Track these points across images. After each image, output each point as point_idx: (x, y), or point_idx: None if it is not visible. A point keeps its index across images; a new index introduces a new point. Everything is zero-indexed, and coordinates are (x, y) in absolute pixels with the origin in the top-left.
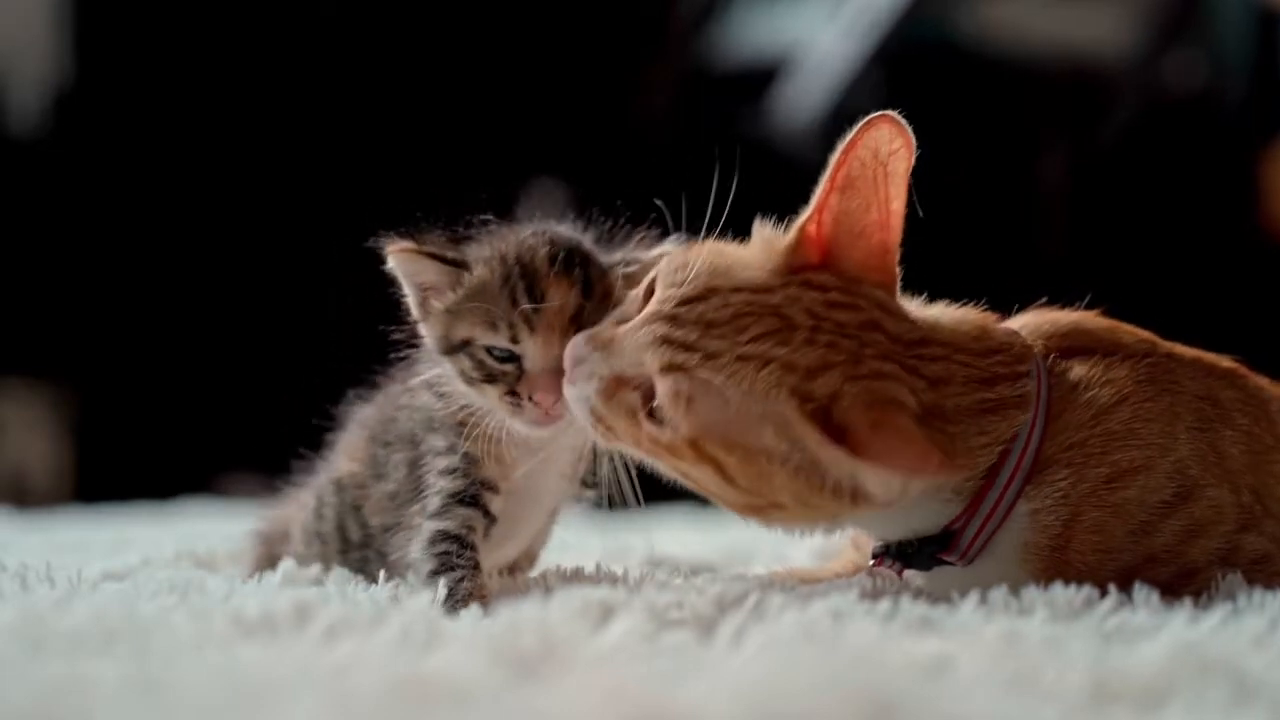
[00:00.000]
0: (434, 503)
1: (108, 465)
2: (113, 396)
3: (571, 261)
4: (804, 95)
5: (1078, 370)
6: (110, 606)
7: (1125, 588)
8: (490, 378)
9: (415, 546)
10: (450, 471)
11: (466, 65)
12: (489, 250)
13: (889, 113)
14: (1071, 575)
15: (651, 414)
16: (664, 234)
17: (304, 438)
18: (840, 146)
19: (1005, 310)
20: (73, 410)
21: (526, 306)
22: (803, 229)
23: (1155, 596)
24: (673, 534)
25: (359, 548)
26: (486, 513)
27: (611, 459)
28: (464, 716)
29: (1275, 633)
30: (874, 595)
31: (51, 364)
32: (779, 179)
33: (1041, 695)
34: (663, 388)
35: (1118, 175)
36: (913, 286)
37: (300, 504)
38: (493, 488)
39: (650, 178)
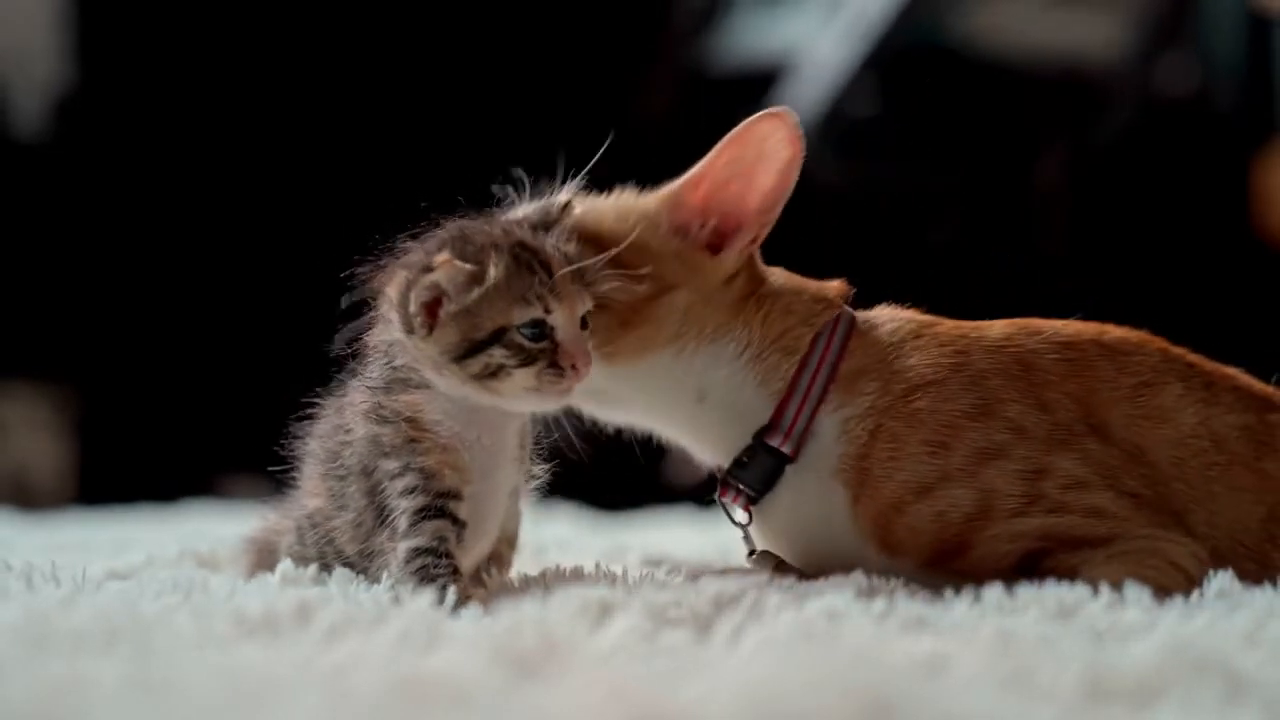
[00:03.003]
0: (402, 523)
1: (111, 466)
2: (116, 398)
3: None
4: (801, 98)
5: (879, 317)
6: (113, 606)
7: (926, 524)
8: (528, 359)
9: (394, 568)
10: (410, 491)
11: (465, 67)
12: (471, 247)
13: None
14: (870, 488)
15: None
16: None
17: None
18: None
19: (1001, 312)
20: (76, 411)
21: (550, 278)
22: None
23: (1147, 595)
24: (671, 533)
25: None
26: (455, 520)
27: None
28: (464, 716)
29: (1266, 629)
30: (869, 594)
31: (55, 365)
32: None
33: (1037, 694)
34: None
35: (1112, 179)
36: (913, 289)
37: (286, 526)
38: (457, 495)
39: (648, 179)
